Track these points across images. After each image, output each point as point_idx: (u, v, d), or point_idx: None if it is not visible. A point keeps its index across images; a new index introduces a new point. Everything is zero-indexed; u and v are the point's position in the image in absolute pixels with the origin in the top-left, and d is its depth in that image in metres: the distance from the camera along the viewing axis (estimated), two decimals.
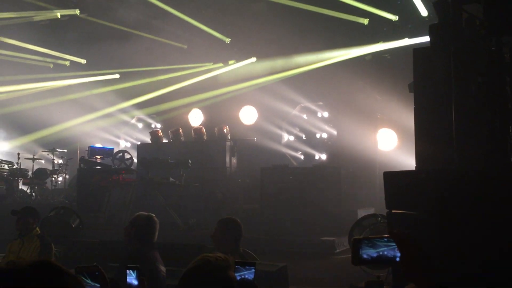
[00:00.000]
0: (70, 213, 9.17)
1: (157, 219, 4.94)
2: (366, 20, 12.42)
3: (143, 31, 14.39)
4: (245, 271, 2.38)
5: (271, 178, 11.11)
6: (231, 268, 2.27)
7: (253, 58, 14.56)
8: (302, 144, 14.52)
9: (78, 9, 12.83)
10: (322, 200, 10.47)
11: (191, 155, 12.05)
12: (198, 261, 2.25)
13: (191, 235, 10.04)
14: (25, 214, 6.03)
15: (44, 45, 15.08)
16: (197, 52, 14.77)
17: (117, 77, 16.32)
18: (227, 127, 13.39)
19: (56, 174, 13.95)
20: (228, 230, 4.82)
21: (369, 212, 8.58)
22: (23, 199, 13.03)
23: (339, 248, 9.02)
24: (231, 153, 13.03)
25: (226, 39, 14.16)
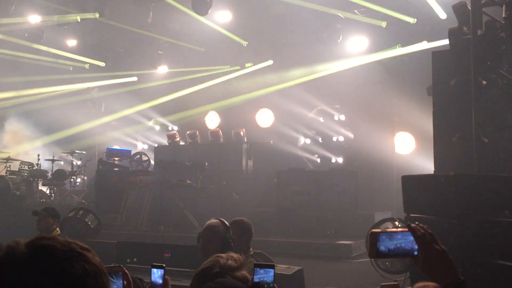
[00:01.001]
0: (89, 214, 9.27)
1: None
2: (384, 23, 12.35)
3: (161, 34, 14.53)
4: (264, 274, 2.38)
5: (287, 181, 11.11)
6: (241, 268, 2.28)
7: (270, 61, 14.58)
8: (319, 147, 14.47)
9: (98, 13, 13.00)
10: (338, 204, 10.44)
11: (207, 158, 12.11)
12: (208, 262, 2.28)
13: None
14: (45, 215, 6.12)
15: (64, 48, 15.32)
16: (214, 55, 14.85)
17: (135, 80, 16.49)
18: (243, 130, 13.42)
19: (75, 176, 14.12)
20: (242, 231, 4.84)
21: (386, 216, 8.53)
22: (43, 200, 13.23)
23: (355, 252, 8.97)
24: (247, 155, 13.06)
25: (243, 42, 14.21)
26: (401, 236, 1.66)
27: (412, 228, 1.66)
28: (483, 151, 4.56)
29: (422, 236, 1.64)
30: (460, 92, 4.93)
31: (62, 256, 1.05)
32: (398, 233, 1.67)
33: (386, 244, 1.65)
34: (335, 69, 13.43)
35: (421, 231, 1.65)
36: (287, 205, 10.83)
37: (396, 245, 1.66)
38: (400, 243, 1.66)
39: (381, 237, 1.65)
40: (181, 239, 9.66)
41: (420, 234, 1.64)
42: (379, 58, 12.85)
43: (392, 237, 1.66)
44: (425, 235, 1.64)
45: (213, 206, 11.80)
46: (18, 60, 15.09)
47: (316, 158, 14.43)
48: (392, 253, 1.66)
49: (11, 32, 13.90)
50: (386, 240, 1.65)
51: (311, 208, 10.49)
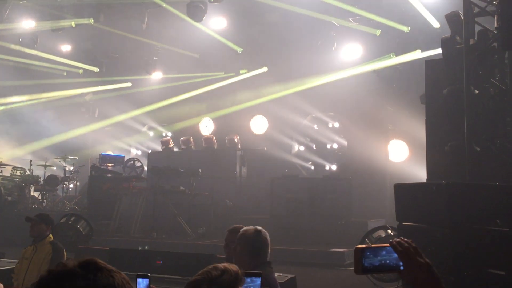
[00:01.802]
0: (81, 220, 9.22)
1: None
2: (378, 31, 12.42)
3: (156, 40, 14.53)
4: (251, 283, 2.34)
5: (280, 188, 11.10)
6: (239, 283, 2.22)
7: (264, 68, 14.61)
8: (313, 155, 14.48)
9: (92, 18, 12.99)
10: (332, 211, 10.43)
11: (201, 164, 12.10)
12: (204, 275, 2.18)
13: (200, 243, 10.04)
14: (39, 221, 6.06)
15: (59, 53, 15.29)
16: (209, 61, 14.87)
17: (129, 85, 16.47)
18: (237, 137, 13.42)
19: (68, 181, 14.05)
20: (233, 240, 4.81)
21: (379, 223, 8.53)
22: (35, 206, 13.13)
23: (348, 259, 8.96)
24: (241, 162, 13.05)
25: (238, 48, 14.24)
26: (386, 251, 1.66)
27: (393, 245, 1.66)
28: (475, 160, 4.58)
29: (404, 251, 1.64)
30: (452, 101, 4.96)
31: (104, 267, 1.27)
32: (383, 249, 1.67)
33: (371, 260, 1.65)
34: (329, 77, 13.47)
35: (404, 245, 1.65)
36: (280, 212, 10.81)
37: (381, 261, 1.65)
38: (385, 258, 1.66)
39: (366, 253, 1.64)
40: (174, 246, 9.62)
41: (401, 250, 1.64)
42: (373, 67, 12.91)
43: (377, 253, 1.66)
44: (408, 249, 1.64)
45: (206, 212, 11.76)
46: (11, 65, 15.04)
47: (310, 165, 14.44)
48: (378, 268, 1.66)
49: (5, 37, 13.86)
50: (370, 256, 1.65)
51: (304, 215, 10.48)
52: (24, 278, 5.73)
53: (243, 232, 4.01)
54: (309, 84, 13.60)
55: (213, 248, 8.96)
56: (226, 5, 12.39)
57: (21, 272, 5.81)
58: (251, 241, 3.91)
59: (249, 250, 3.89)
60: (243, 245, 3.93)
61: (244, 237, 3.97)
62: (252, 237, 3.95)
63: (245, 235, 3.98)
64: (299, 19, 12.48)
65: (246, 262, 3.89)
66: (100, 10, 13.02)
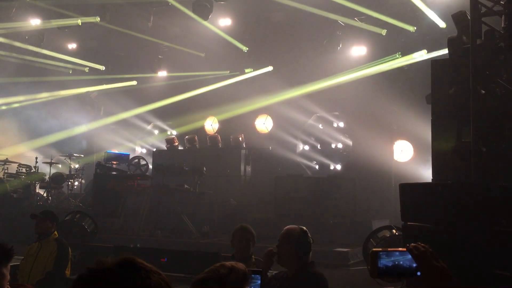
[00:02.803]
0: (86, 218, 9.25)
1: None
2: (384, 30, 12.39)
3: (162, 38, 14.55)
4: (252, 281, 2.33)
5: (285, 187, 11.10)
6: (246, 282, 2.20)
7: (269, 67, 14.60)
8: (317, 154, 14.47)
9: (98, 17, 13.03)
10: (336, 211, 10.42)
11: (206, 163, 12.11)
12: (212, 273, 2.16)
13: (204, 242, 10.05)
14: (44, 218, 6.10)
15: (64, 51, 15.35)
16: (214, 60, 14.87)
17: (135, 84, 16.50)
18: (242, 135, 13.42)
19: (73, 179, 14.10)
20: (245, 238, 4.82)
21: (384, 223, 8.50)
22: (40, 203, 13.19)
23: (352, 259, 8.95)
24: (245, 161, 13.05)
25: (244, 47, 14.23)
26: (401, 255, 1.66)
27: (410, 249, 1.65)
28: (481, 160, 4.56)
29: (421, 255, 1.63)
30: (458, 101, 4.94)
31: (142, 267, 1.25)
32: (399, 252, 1.67)
33: (386, 263, 1.65)
34: (335, 77, 13.44)
35: (421, 249, 1.64)
36: (284, 211, 10.81)
37: (396, 265, 1.65)
38: (401, 262, 1.65)
39: (382, 256, 1.64)
40: (179, 244, 9.63)
41: (418, 253, 1.63)
42: (379, 67, 12.87)
43: (392, 256, 1.66)
44: (425, 253, 1.63)
45: (211, 211, 11.78)
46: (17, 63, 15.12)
47: (315, 165, 14.43)
48: (393, 272, 1.66)
49: (11, 35, 13.92)
50: (386, 259, 1.65)
51: (308, 214, 10.47)
52: (29, 275, 5.76)
53: (289, 232, 3.92)
54: (314, 84, 13.58)
55: (218, 246, 8.97)
56: (232, 4, 12.40)
57: (26, 269, 5.84)
58: (299, 241, 3.84)
59: (297, 251, 3.82)
60: (291, 245, 3.83)
61: (292, 237, 3.87)
62: (300, 237, 3.88)
63: (292, 235, 3.89)
64: (304, 18, 12.47)
65: (293, 262, 3.84)
66: (106, 8, 13.05)
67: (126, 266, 1.23)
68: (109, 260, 1.24)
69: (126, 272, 1.21)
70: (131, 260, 1.26)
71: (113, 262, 1.24)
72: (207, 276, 2.07)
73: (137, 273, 1.23)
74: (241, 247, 4.76)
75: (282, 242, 3.90)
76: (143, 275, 1.23)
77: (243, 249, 4.73)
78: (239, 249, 4.76)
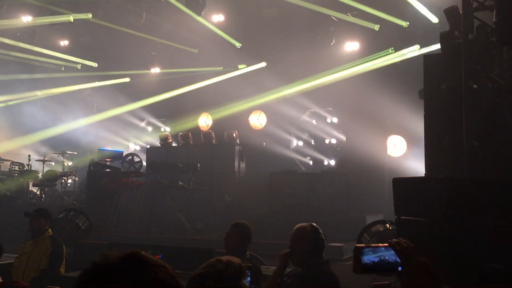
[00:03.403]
0: (80, 215, 9.21)
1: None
2: (377, 26, 12.41)
3: (155, 35, 14.50)
4: None
5: (279, 183, 11.12)
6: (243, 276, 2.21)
7: (263, 62, 14.59)
8: (311, 150, 14.50)
9: (91, 13, 12.96)
10: (330, 206, 10.45)
11: (200, 159, 12.10)
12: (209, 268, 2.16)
13: (198, 238, 10.06)
14: (38, 216, 6.08)
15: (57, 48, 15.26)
16: (207, 56, 14.84)
17: (128, 80, 16.44)
18: (236, 132, 13.41)
19: (66, 176, 14.04)
20: (242, 234, 4.81)
21: (378, 218, 8.54)
22: (33, 201, 13.14)
23: (347, 254, 8.99)
24: (239, 157, 13.05)
25: (237, 43, 14.21)
26: (385, 251, 1.67)
27: (392, 244, 1.67)
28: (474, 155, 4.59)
29: (403, 250, 1.65)
30: (451, 95, 4.96)
31: (147, 262, 1.19)
32: (382, 248, 1.68)
33: (370, 259, 1.66)
34: (328, 72, 13.46)
35: (403, 245, 1.66)
36: (279, 207, 10.83)
37: (380, 260, 1.66)
38: (384, 258, 1.67)
39: (365, 252, 1.65)
40: (173, 241, 9.63)
41: (400, 249, 1.65)
42: (372, 62, 12.91)
43: (376, 252, 1.67)
44: (407, 249, 1.65)
45: (205, 207, 11.78)
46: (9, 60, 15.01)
47: (309, 160, 14.46)
48: (377, 268, 1.67)
49: (2, 32, 13.82)
50: (370, 255, 1.66)
51: (303, 210, 10.50)
52: (24, 273, 5.74)
53: (300, 231, 3.84)
54: (308, 79, 13.59)
55: (212, 243, 8.98)
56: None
57: (21, 267, 5.83)
58: (312, 239, 3.76)
59: (310, 249, 3.74)
60: (303, 244, 3.75)
61: (303, 236, 3.79)
62: (312, 234, 3.80)
63: (304, 232, 3.81)
64: (297, 13, 12.46)
65: (305, 260, 3.75)
66: (98, 5, 12.99)
67: (131, 261, 1.18)
68: (114, 254, 1.20)
69: (131, 266, 1.17)
70: (136, 254, 1.21)
71: (118, 256, 1.20)
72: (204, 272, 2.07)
73: (143, 267, 1.18)
74: (229, 243, 4.74)
75: (294, 242, 3.80)
76: (150, 270, 1.19)
77: (231, 245, 4.70)
78: (228, 245, 4.75)
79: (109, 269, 1.16)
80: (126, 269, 1.16)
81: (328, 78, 13.32)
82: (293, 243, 3.80)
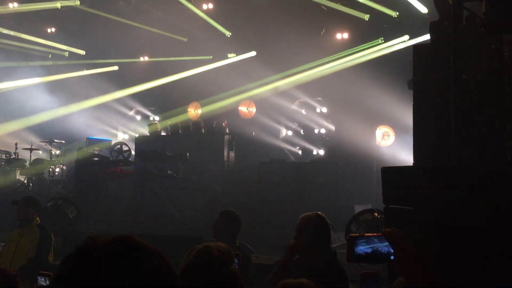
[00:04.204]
0: (68, 204, 9.17)
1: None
2: (366, 16, 12.41)
3: (144, 23, 14.35)
4: None
5: (268, 172, 11.14)
6: (233, 261, 2.23)
7: (253, 52, 14.53)
8: (300, 139, 14.53)
9: (78, 0, 12.79)
10: (319, 195, 10.51)
11: (189, 148, 12.06)
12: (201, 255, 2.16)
13: (187, 227, 10.06)
14: (25, 204, 6.05)
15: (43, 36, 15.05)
16: (197, 45, 14.74)
17: (116, 69, 16.29)
18: (225, 121, 13.39)
19: (54, 165, 13.93)
20: (230, 222, 4.83)
21: (366, 207, 8.61)
22: (21, 190, 13.02)
23: (335, 243, 9.00)
24: (229, 146, 13.05)
25: (227, 32, 14.13)
26: (378, 240, 1.69)
27: (386, 233, 1.68)
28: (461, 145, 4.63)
29: (396, 240, 1.66)
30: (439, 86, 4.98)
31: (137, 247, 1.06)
32: (375, 238, 1.70)
33: (363, 248, 1.67)
34: (318, 62, 13.46)
35: (396, 235, 1.67)
36: (268, 197, 10.87)
37: (373, 249, 1.68)
38: (377, 247, 1.68)
39: (359, 242, 1.67)
40: (162, 230, 9.63)
41: (393, 239, 1.67)
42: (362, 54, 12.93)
43: (370, 241, 1.68)
44: (400, 239, 1.67)
45: (194, 197, 11.77)
46: None
47: (298, 150, 14.50)
48: (370, 257, 1.69)
49: None
50: (363, 245, 1.68)
51: (292, 199, 10.54)
52: (11, 261, 5.71)
53: (305, 221, 3.72)
54: (297, 69, 13.58)
55: (201, 231, 8.98)
56: None
57: (8, 255, 5.80)
58: (317, 228, 3.63)
59: (316, 239, 3.62)
60: (308, 234, 3.63)
61: (308, 226, 3.68)
62: (318, 223, 3.68)
63: (309, 222, 3.69)
64: (287, 2, 12.41)
65: (313, 253, 3.62)
66: None
67: (121, 245, 1.04)
68: (101, 238, 1.05)
69: (121, 252, 1.02)
70: (127, 238, 1.06)
71: (106, 240, 1.04)
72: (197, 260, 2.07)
73: (134, 253, 1.03)
74: (218, 230, 4.77)
75: (299, 232, 3.70)
76: (141, 256, 1.04)
77: (220, 232, 4.72)
78: (216, 232, 4.77)
79: (96, 253, 1.01)
80: (116, 254, 1.02)
81: (318, 70, 13.31)
82: (299, 234, 3.71)
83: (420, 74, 5.40)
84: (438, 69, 5.11)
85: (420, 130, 5.19)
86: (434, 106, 5.15)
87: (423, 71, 5.37)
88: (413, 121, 5.27)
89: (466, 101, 4.82)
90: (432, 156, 4.91)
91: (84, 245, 1.04)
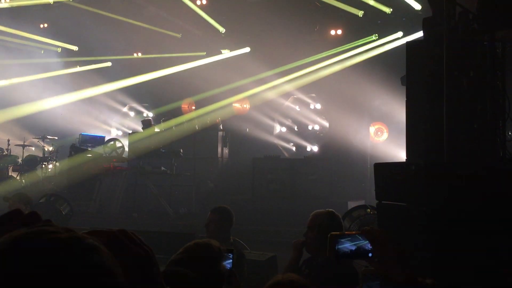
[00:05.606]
0: (61, 200, 9.12)
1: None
2: (361, 12, 12.41)
3: (137, 19, 14.27)
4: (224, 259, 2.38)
5: (262, 169, 11.14)
6: (222, 259, 2.23)
7: (247, 48, 14.50)
8: (294, 136, 14.54)
9: None
10: (313, 192, 10.52)
11: (182, 145, 12.03)
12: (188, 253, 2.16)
13: (181, 224, 10.05)
14: (17, 200, 6.01)
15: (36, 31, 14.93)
16: (191, 41, 14.68)
17: (109, 65, 16.20)
18: (219, 117, 13.37)
19: (47, 162, 13.86)
20: (222, 219, 4.82)
21: (360, 204, 8.62)
22: (13, 186, 12.94)
23: None
24: (223, 143, 13.03)
25: (220, 28, 14.08)
26: (359, 238, 1.70)
27: (365, 232, 1.69)
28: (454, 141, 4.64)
29: (375, 238, 1.67)
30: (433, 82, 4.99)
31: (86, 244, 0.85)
32: (356, 236, 1.71)
33: (346, 246, 1.68)
34: (312, 58, 13.45)
35: (375, 233, 1.68)
36: (262, 193, 10.87)
37: (354, 248, 1.69)
38: (358, 244, 1.69)
39: (339, 240, 1.68)
40: (155, 226, 9.61)
41: (372, 237, 1.67)
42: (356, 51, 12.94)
43: (350, 240, 1.69)
44: (379, 236, 1.67)
45: (188, 193, 11.75)
46: None
47: (292, 147, 14.50)
48: (350, 255, 1.70)
49: None
50: (344, 242, 1.69)
51: (285, 196, 10.56)
52: None
53: (315, 218, 3.72)
54: (291, 65, 13.57)
55: (195, 228, 8.98)
56: None
57: None
58: (327, 226, 3.57)
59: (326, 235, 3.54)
60: (318, 231, 3.60)
61: (318, 223, 3.66)
62: (327, 221, 3.67)
63: (318, 221, 3.68)
64: None
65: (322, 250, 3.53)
66: None
67: (68, 240, 0.77)
68: (49, 229, 0.79)
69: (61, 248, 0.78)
70: (76, 235, 0.78)
71: (59, 230, 0.79)
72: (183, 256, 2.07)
73: (79, 250, 0.79)
74: (210, 229, 4.74)
75: (309, 229, 3.69)
76: (86, 248, 0.78)
77: (212, 231, 4.69)
78: (209, 231, 4.74)
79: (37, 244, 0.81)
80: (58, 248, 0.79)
81: (313, 68, 13.31)
82: (308, 231, 3.71)
83: (413, 71, 5.40)
84: (431, 66, 5.12)
85: (412, 126, 5.20)
86: (427, 103, 5.16)
87: (416, 68, 5.37)
88: (406, 118, 5.28)
89: (458, 97, 4.83)
90: (424, 152, 4.93)
91: (26, 233, 0.85)
